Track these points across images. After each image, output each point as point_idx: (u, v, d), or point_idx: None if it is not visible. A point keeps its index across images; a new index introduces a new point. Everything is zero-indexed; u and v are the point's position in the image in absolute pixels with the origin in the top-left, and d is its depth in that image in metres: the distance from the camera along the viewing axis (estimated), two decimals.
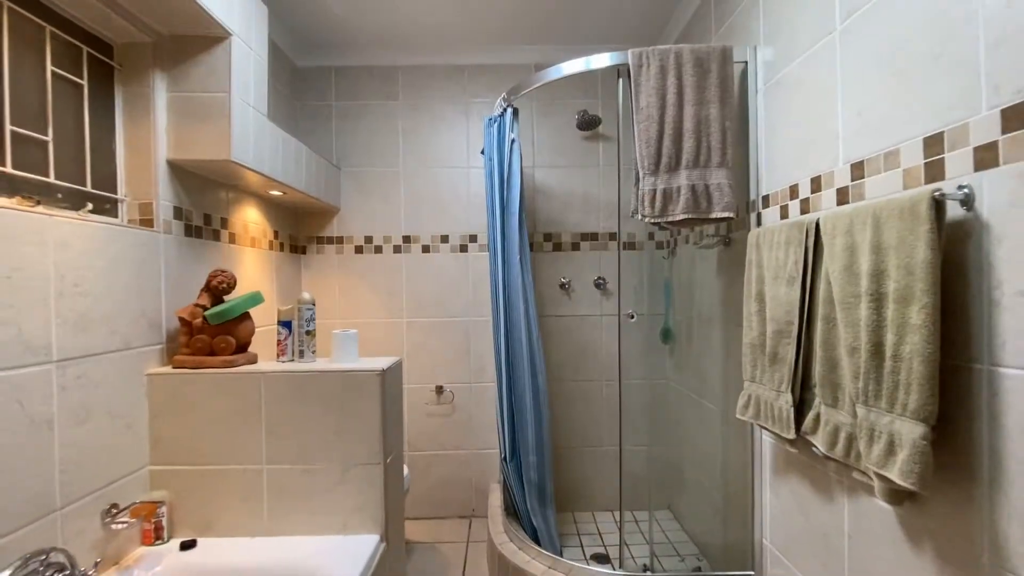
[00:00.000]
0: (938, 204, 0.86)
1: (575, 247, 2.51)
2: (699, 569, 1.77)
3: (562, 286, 2.49)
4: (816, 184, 1.29)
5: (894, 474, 0.90)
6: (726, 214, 1.52)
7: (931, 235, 0.86)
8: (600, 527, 2.33)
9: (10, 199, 1.11)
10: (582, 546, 2.16)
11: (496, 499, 2.26)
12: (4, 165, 1.12)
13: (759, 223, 1.57)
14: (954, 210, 0.88)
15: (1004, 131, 0.80)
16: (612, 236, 2.49)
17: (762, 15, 1.54)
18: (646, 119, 1.57)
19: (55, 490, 1.12)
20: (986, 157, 0.84)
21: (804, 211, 1.34)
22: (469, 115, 2.49)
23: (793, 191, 1.39)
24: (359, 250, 2.48)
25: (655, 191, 1.57)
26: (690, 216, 1.54)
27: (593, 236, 2.50)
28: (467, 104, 2.49)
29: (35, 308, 1.07)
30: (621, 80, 1.67)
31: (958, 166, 0.89)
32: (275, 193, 2.01)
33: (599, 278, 2.49)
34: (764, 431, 1.51)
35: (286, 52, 2.33)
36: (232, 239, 1.84)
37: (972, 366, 0.87)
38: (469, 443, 2.50)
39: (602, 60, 1.66)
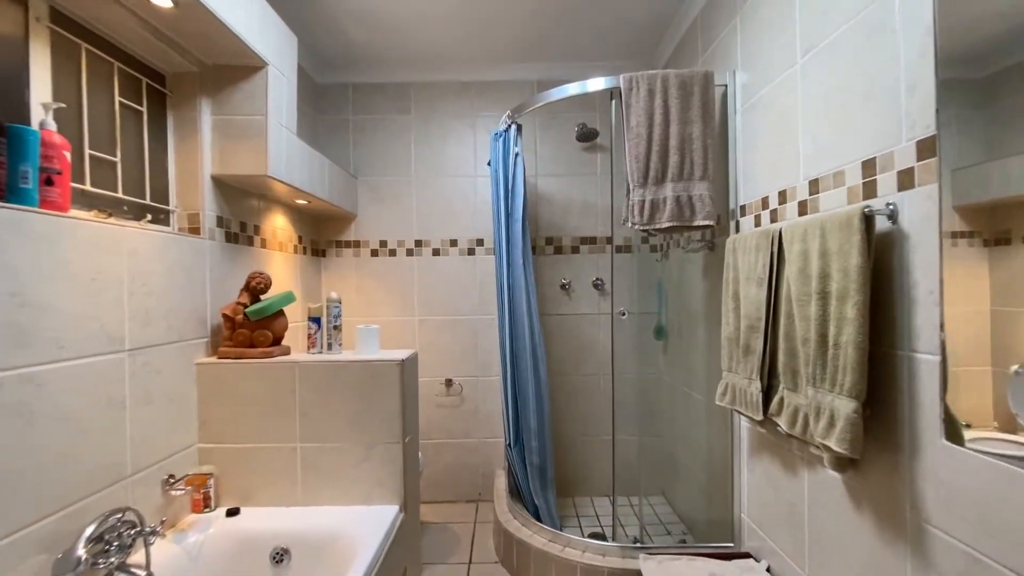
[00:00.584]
0: (868, 218, 1.04)
1: (575, 250, 2.69)
2: (684, 542, 1.95)
3: (563, 287, 2.68)
4: (783, 197, 1.47)
5: (832, 443, 1.07)
6: (707, 222, 1.70)
7: (863, 244, 1.04)
8: (597, 510, 2.51)
9: (88, 212, 1.31)
10: (580, 527, 2.34)
11: (501, 483, 2.44)
12: (84, 184, 1.32)
13: (737, 230, 1.75)
14: (883, 223, 1.06)
15: (918, 159, 0.98)
16: (610, 240, 2.66)
17: (740, 43, 1.72)
18: (635, 137, 1.75)
19: (127, 460, 1.31)
20: (906, 180, 1.01)
21: (773, 220, 1.52)
22: (476, 128, 2.68)
23: (764, 202, 1.57)
24: (374, 253, 2.68)
25: (643, 201, 1.75)
26: (675, 224, 1.72)
27: (592, 240, 2.69)
28: (474, 118, 2.68)
29: (113, 305, 1.27)
30: (614, 101, 1.86)
31: (887, 186, 1.06)
32: (300, 202, 2.21)
33: (597, 279, 2.67)
34: (741, 416, 1.68)
35: (307, 70, 2.53)
36: (263, 244, 2.04)
37: (897, 352, 1.04)
38: (476, 432, 2.68)
39: (598, 84, 1.84)
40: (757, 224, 1.62)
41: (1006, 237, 0.84)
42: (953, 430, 0.93)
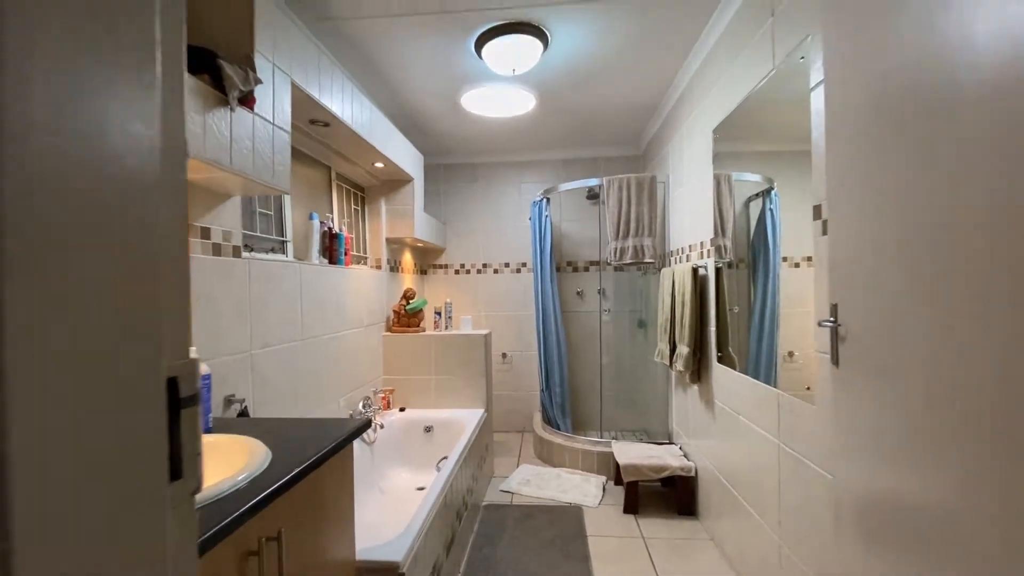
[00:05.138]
0: (695, 269, 2.41)
1: (586, 269, 4.09)
2: (641, 439, 3.32)
3: (577, 293, 4.08)
4: (681, 251, 2.84)
5: (680, 367, 2.46)
6: (652, 260, 3.08)
7: (693, 281, 2.41)
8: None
9: (354, 263, 2.85)
10: None
11: (537, 418, 3.88)
12: (356, 251, 2.86)
13: (668, 265, 3.12)
14: (703, 272, 2.43)
15: (711, 246, 2.35)
16: (608, 263, 4.04)
17: (671, 159, 3.09)
18: (611, 212, 3.15)
19: (364, 376, 2.84)
20: (709, 253, 2.38)
21: (680, 262, 2.89)
22: (520, 191, 4.13)
23: (678, 252, 2.94)
24: (457, 272, 4.18)
25: (616, 248, 3.15)
26: (633, 261, 3.11)
27: (596, 263, 4.08)
28: (519, 184, 4.13)
29: (359, 306, 2.80)
30: (600, 191, 3.26)
31: (706, 254, 2.43)
32: (419, 244, 3.73)
33: (600, 288, 4.06)
34: (667, 367, 3.05)
35: None
36: (401, 270, 3.56)
37: (703, 327, 2.41)
38: (521, 388, 4.14)
39: (593, 182, 3.26)
40: (676, 263, 2.99)
41: None
42: (721, 358, 2.30)
